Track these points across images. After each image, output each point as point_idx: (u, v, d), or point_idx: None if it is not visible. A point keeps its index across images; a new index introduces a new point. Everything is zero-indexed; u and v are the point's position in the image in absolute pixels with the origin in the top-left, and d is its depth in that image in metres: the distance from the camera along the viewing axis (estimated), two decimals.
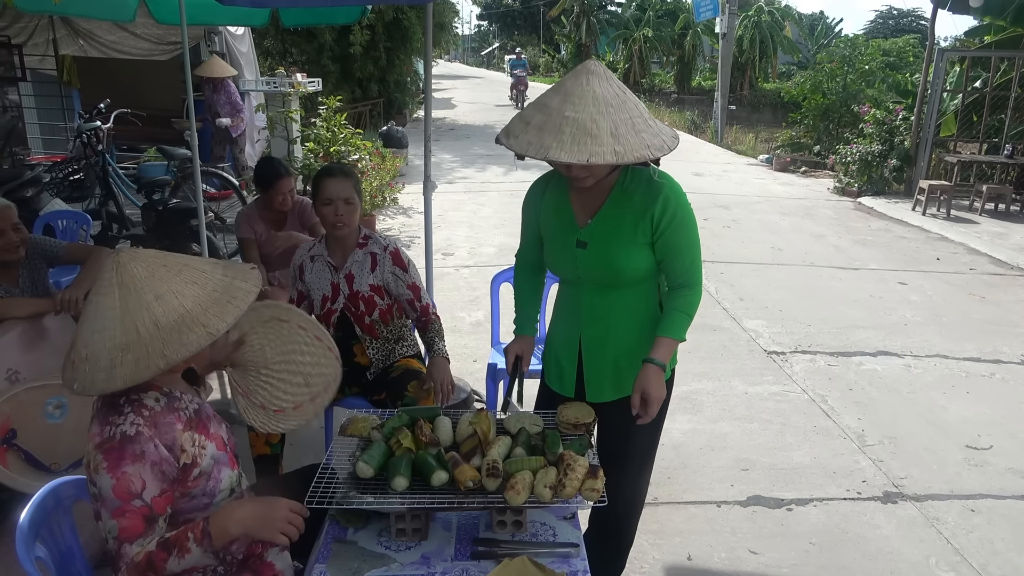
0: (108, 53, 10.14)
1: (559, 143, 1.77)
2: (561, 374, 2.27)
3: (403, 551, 1.81)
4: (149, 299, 1.51)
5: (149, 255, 1.58)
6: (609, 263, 2.06)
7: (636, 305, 2.15)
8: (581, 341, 2.20)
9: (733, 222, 9.00)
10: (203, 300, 1.55)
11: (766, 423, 4.05)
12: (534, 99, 1.95)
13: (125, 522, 1.51)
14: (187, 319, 1.51)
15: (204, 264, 1.63)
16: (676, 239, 2.05)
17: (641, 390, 2.04)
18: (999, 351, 5.17)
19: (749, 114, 22.46)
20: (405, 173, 11.38)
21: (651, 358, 2.06)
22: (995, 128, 10.82)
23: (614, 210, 2.06)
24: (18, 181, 5.41)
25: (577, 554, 1.82)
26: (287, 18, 5.68)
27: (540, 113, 1.84)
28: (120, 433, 1.54)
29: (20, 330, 2.80)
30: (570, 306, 2.22)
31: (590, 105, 1.80)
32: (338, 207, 2.75)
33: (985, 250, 8.11)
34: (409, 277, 2.88)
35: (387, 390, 2.90)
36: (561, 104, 1.82)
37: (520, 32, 53.93)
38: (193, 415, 1.69)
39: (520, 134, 1.83)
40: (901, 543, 3.05)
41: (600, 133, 1.77)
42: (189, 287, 1.56)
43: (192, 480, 1.64)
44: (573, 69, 1.92)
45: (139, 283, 1.52)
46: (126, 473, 1.52)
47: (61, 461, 2.62)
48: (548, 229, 2.18)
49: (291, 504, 1.66)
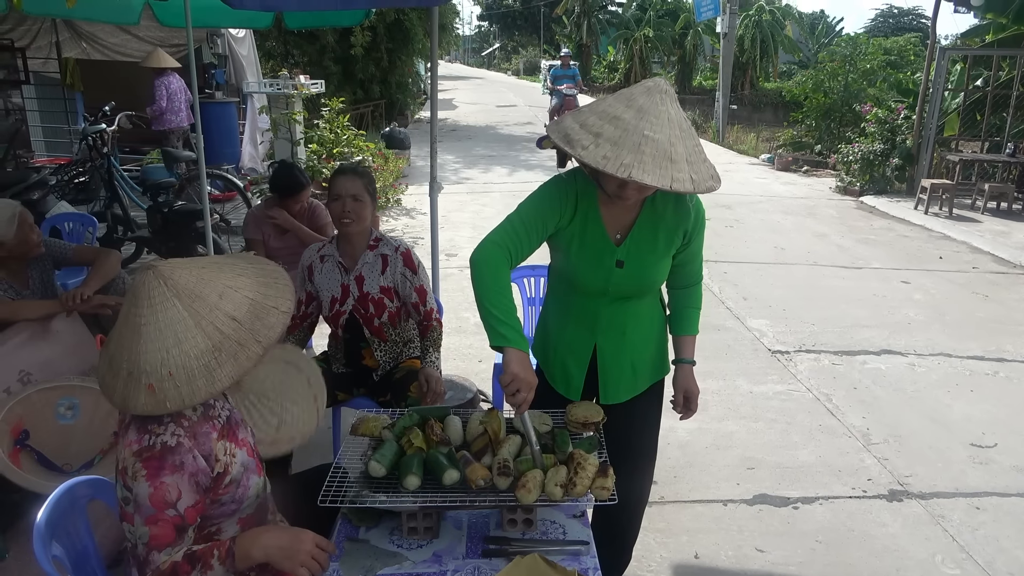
0: (111, 56, 10.17)
1: (640, 163, 1.68)
2: (569, 380, 2.24)
3: (415, 549, 1.83)
4: (214, 300, 1.51)
5: (183, 263, 1.58)
6: (643, 279, 2.08)
7: (651, 310, 2.20)
8: (597, 349, 2.18)
9: (736, 222, 9.02)
10: (259, 288, 1.59)
11: (771, 422, 4.07)
12: (591, 105, 1.86)
13: (157, 530, 1.51)
14: (256, 306, 1.55)
15: (229, 259, 1.67)
16: (697, 246, 2.14)
17: (684, 389, 2.23)
18: (1003, 349, 5.18)
19: (750, 113, 22.45)
20: (408, 174, 11.40)
21: (684, 359, 2.24)
22: (997, 127, 10.82)
23: (647, 226, 2.04)
24: (24, 184, 5.44)
25: (587, 552, 1.83)
26: (291, 20, 5.70)
27: (611, 126, 1.74)
28: (161, 443, 1.53)
29: (31, 332, 2.82)
30: (583, 315, 2.16)
31: (667, 127, 1.74)
32: (345, 203, 2.77)
33: (988, 249, 8.12)
34: (417, 280, 2.90)
35: (391, 391, 2.91)
36: (637, 120, 1.73)
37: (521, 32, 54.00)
38: (225, 422, 1.70)
39: (590, 145, 1.72)
40: (907, 541, 3.07)
41: (678, 158, 1.72)
42: (239, 279, 1.58)
43: (223, 488, 1.64)
44: (642, 83, 1.84)
45: (195, 288, 1.51)
46: (164, 483, 1.51)
47: (73, 461, 2.64)
48: (577, 243, 2.06)
49: (318, 539, 1.63)
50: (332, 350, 3.07)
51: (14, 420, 2.55)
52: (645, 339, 2.19)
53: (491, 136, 17.26)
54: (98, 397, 2.72)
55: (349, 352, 3.00)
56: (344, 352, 3.00)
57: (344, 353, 3.00)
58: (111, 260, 3.21)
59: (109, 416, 2.69)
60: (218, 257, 1.66)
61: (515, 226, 2.01)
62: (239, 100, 10.39)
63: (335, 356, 3.05)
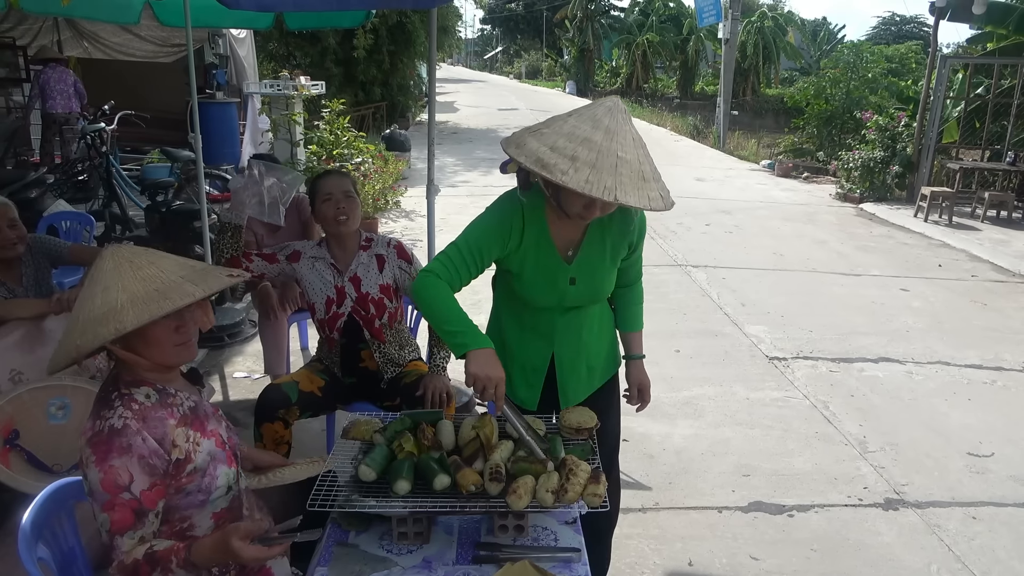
0: (112, 55, 10.19)
1: (620, 185, 1.71)
2: (528, 390, 2.27)
3: (405, 555, 1.81)
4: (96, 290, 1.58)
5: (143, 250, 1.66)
6: (595, 292, 2.16)
7: (602, 314, 2.28)
8: (554, 357, 2.23)
9: (735, 227, 9.01)
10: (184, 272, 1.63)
11: (768, 429, 4.05)
12: (552, 126, 1.83)
13: (115, 515, 1.53)
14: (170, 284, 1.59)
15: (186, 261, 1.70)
16: (640, 249, 2.23)
17: (637, 383, 2.35)
18: (1001, 358, 5.16)
19: (752, 119, 22.48)
20: (408, 176, 11.39)
21: (634, 354, 2.36)
22: (997, 135, 10.82)
23: (596, 240, 2.09)
24: (23, 182, 5.43)
25: (579, 559, 1.82)
26: (291, 21, 5.70)
27: (585, 148, 1.74)
28: (108, 427, 1.56)
29: (24, 331, 2.80)
30: (538, 327, 2.19)
31: (632, 147, 1.77)
32: (339, 200, 2.74)
33: (987, 257, 8.11)
34: (413, 268, 2.87)
35: (400, 396, 2.86)
36: (609, 142, 1.75)
37: (523, 36, 54.09)
38: (188, 412, 1.70)
39: (569, 170, 1.71)
40: (902, 550, 3.05)
41: (648, 177, 1.77)
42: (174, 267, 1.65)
43: (186, 476, 1.64)
44: (600, 102, 1.86)
45: (133, 258, 1.63)
46: (113, 467, 1.53)
47: (63, 462, 2.62)
48: (529, 266, 2.08)
49: (244, 530, 1.55)
50: (325, 355, 2.97)
51: (4, 419, 2.54)
52: (598, 340, 2.28)
53: (492, 139, 17.27)
54: (90, 397, 2.69)
55: (347, 356, 2.92)
56: (341, 356, 2.92)
57: (341, 357, 2.92)
58: None
59: None
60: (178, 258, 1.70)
61: (457, 255, 2.02)
62: (239, 101, 10.40)
63: (331, 361, 2.95)
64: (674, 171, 12.77)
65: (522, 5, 52.22)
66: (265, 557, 1.57)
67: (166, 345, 1.64)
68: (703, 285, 6.66)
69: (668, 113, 23.63)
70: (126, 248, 1.64)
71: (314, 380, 2.88)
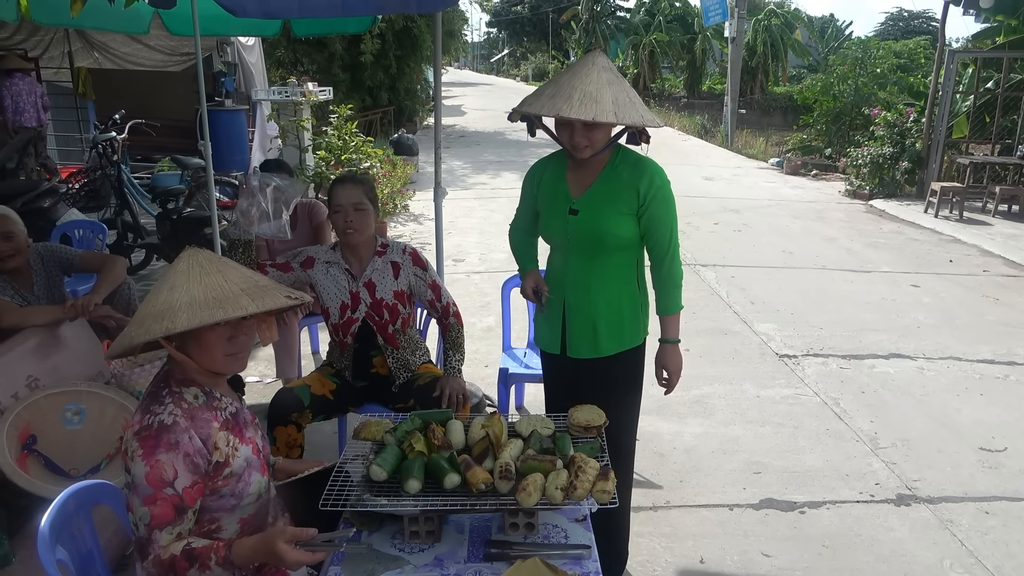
0: (122, 65, 10.28)
1: (568, 104, 2.08)
2: (550, 332, 2.49)
3: (417, 553, 1.83)
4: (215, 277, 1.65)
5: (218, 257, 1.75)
6: (597, 228, 2.32)
7: (616, 273, 2.39)
8: (565, 304, 2.43)
9: (744, 226, 8.99)
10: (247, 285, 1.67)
11: (778, 426, 4.05)
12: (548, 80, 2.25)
13: (156, 510, 1.56)
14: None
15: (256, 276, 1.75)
16: (658, 212, 2.31)
17: (662, 366, 2.44)
18: (1013, 353, 5.14)
19: (759, 118, 22.42)
20: (416, 180, 11.43)
21: (665, 338, 2.42)
22: (1007, 129, 10.76)
23: (604, 185, 2.34)
24: (35, 192, 5.49)
25: (589, 555, 1.83)
26: (298, 28, 5.74)
27: (551, 86, 2.18)
28: (158, 422, 1.59)
29: (39, 338, 2.85)
30: (557, 271, 2.46)
31: (595, 79, 2.13)
32: (347, 213, 2.74)
33: (998, 252, 8.06)
34: (428, 276, 2.90)
35: (415, 397, 2.88)
36: (571, 79, 2.15)
37: (529, 39, 54.07)
38: (230, 417, 1.75)
39: (534, 102, 2.18)
40: (915, 546, 3.04)
41: (603, 100, 2.09)
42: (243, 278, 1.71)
43: (223, 479, 1.68)
44: (581, 57, 2.19)
45: (207, 264, 1.70)
46: (160, 461, 1.56)
47: (80, 466, 2.66)
48: (544, 200, 2.45)
49: (290, 534, 1.59)
50: (337, 359, 2.99)
51: (22, 425, 2.58)
52: (610, 304, 2.39)
53: (500, 142, 17.29)
54: (104, 403, 2.74)
55: (360, 361, 2.94)
56: (353, 360, 2.94)
57: (353, 361, 2.94)
58: (117, 267, 3.24)
59: (115, 421, 2.71)
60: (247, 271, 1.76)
61: (519, 206, 2.60)
62: (248, 108, 10.46)
63: (342, 365, 2.97)
64: (682, 170, 12.76)
65: (527, 7, 52.27)
66: (308, 562, 1.60)
67: (217, 353, 1.67)
68: (712, 284, 6.65)
69: (676, 112, 23.60)
70: (203, 253, 1.70)
71: (326, 383, 2.91)
